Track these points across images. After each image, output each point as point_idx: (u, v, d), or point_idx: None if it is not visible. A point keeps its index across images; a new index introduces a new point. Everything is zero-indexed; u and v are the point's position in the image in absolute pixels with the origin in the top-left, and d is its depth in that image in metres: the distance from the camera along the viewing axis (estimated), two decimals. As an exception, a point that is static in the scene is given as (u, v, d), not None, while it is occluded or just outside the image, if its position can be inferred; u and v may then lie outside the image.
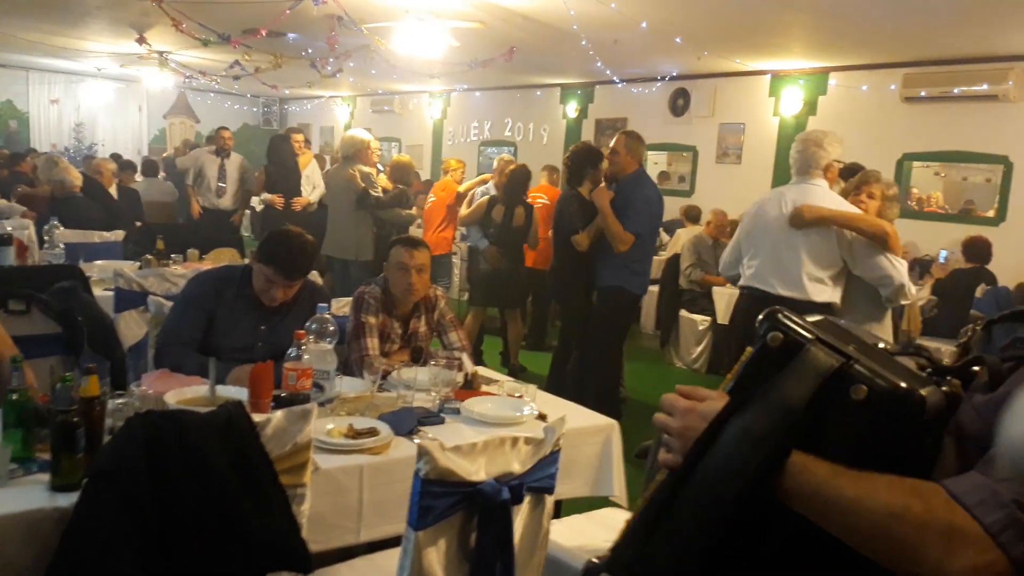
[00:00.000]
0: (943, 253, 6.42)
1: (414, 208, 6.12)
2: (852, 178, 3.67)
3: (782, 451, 0.90)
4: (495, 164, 6.53)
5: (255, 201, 8.18)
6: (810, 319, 1.04)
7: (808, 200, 3.43)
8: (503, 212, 5.58)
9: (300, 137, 7.75)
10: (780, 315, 1.00)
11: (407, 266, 2.92)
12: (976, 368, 0.99)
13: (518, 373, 5.61)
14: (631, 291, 4.57)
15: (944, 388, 0.94)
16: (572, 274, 4.82)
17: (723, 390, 1.01)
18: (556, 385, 4.92)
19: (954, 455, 0.93)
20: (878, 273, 3.30)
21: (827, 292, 3.40)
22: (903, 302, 3.24)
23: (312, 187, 7.56)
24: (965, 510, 0.82)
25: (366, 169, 5.95)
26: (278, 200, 6.90)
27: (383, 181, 6.11)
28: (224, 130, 7.75)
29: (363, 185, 5.83)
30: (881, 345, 1.02)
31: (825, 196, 3.44)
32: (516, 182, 5.66)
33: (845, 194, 3.56)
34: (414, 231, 7.69)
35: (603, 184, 4.67)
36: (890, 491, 0.86)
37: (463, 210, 6.09)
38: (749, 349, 1.01)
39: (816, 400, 0.91)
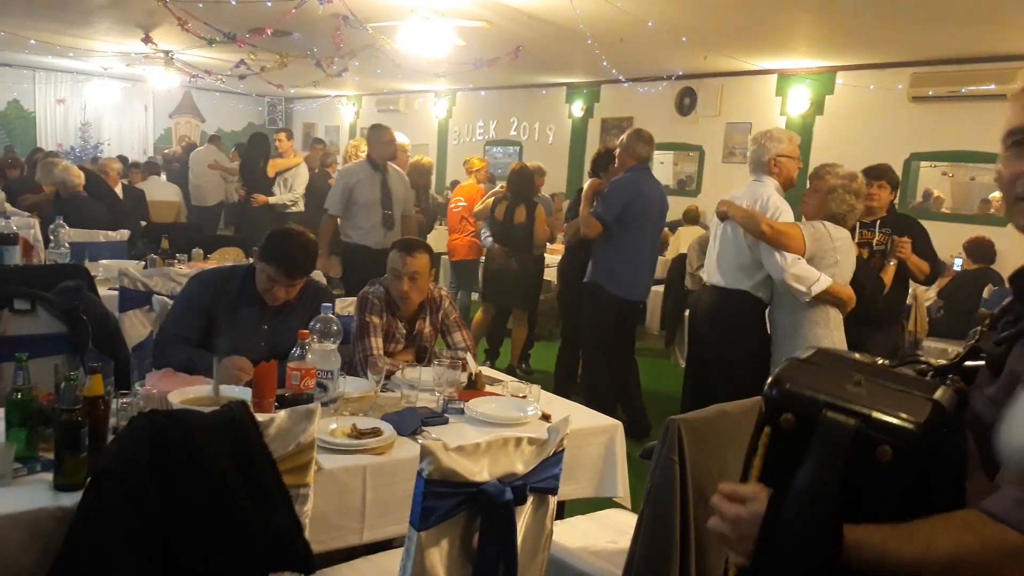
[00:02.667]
0: (958, 261, 6.37)
1: (416, 209, 5.95)
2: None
3: (834, 542, 0.94)
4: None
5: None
6: (804, 356, 1.07)
7: (743, 195, 3.60)
8: (504, 210, 5.60)
9: (282, 136, 7.90)
10: (786, 386, 1.01)
11: (400, 272, 2.91)
12: (972, 363, 1.04)
13: (515, 372, 5.60)
14: (607, 290, 4.45)
15: (951, 387, 1.00)
16: (572, 270, 4.85)
17: (756, 478, 1.04)
18: (561, 383, 4.97)
19: (975, 446, 0.98)
20: (768, 267, 3.37)
21: (741, 281, 3.53)
22: (804, 296, 3.27)
23: (288, 189, 7.65)
24: (1014, 529, 0.87)
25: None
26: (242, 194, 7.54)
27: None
28: (384, 130, 5.39)
29: None
30: (880, 361, 1.06)
31: (757, 191, 3.53)
32: (518, 181, 5.65)
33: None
34: (441, 233, 7.68)
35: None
36: (944, 535, 0.90)
37: (478, 206, 6.13)
38: (768, 429, 1.03)
39: (848, 469, 0.94)
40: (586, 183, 4.77)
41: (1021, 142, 1.04)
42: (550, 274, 7.39)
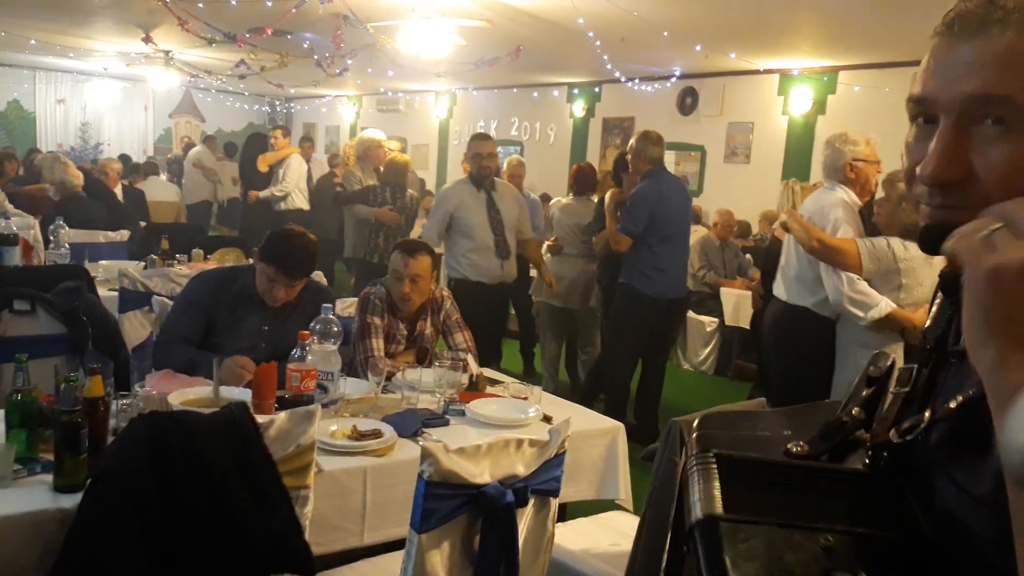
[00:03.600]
0: None
1: (386, 207, 5.71)
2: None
3: None
4: (504, 166, 6.35)
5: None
6: (715, 502, 0.71)
7: (809, 202, 3.45)
8: None
9: (277, 133, 8.16)
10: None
11: (401, 274, 2.90)
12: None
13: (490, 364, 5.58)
14: (639, 290, 4.42)
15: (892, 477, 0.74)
16: (611, 282, 4.84)
17: None
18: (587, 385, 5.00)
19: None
20: (827, 286, 3.17)
21: (804, 297, 3.32)
22: (861, 322, 3.07)
23: (279, 181, 7.74)
24: None
25: (352, 167, 6.15)
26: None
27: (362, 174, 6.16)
28: (482, 141, 4.60)
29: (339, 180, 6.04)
30: (792, 447, 0.79)
31: (821, 200, 3.33)
32: None
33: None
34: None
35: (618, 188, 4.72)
36: None
37: None
38: None
39: None
40: (607, 194, 4.69)
41: (927, 119, 0.78)
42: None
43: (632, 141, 4.56)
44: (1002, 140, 0.68)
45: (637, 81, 9.18)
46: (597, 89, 10.09)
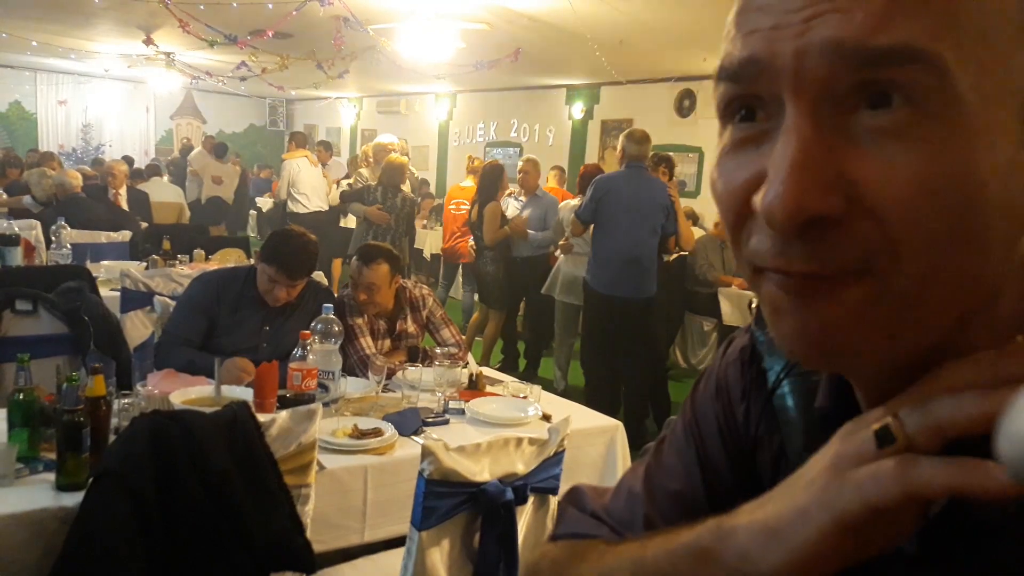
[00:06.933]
0: None
1: (374, 206, 5.75)
2: None
3: None
4: (519, 166, 6.10)
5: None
6: None
7: None
8: (475, 210, 5.62)
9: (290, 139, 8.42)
10: None
11: (356, 282, 2.90)
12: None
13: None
14: (587, 281, 4.51)
15: None
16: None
17: None
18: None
19: None
20: None
21: None
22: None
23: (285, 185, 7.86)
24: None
25: (362, 169, 6.18)
26: None
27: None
28: None
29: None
30: None
31: None
32: (485, 179, 5.57)
33: None
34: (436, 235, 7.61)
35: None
36: None
37: None
38: None
39: None
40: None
41: (749, 113, 0.41)
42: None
43: (620, 138, 4.59)
44: (904, 137, 0.36)
45: (635, 83, 9.20)
46: (596, 91, 10.11)
